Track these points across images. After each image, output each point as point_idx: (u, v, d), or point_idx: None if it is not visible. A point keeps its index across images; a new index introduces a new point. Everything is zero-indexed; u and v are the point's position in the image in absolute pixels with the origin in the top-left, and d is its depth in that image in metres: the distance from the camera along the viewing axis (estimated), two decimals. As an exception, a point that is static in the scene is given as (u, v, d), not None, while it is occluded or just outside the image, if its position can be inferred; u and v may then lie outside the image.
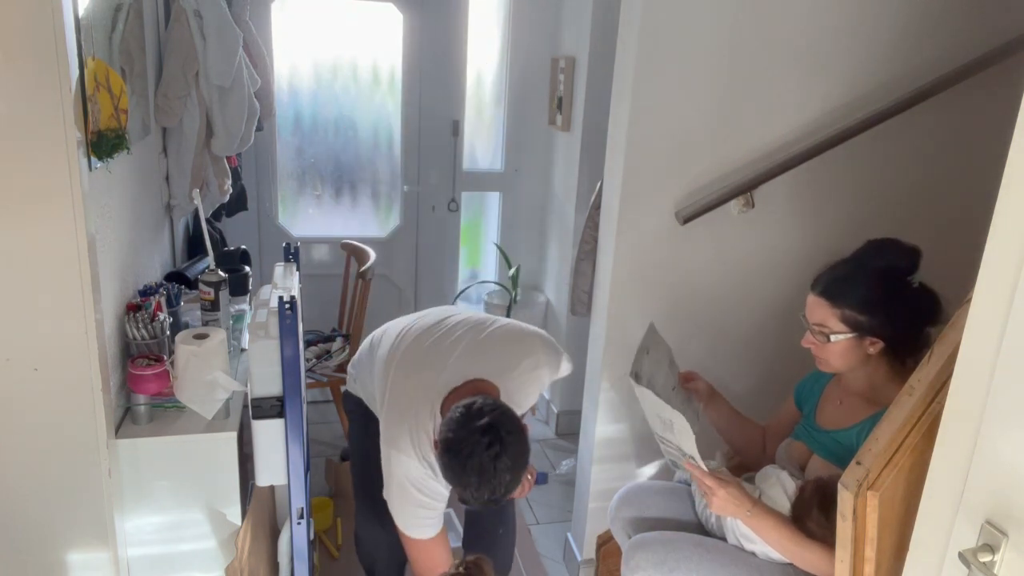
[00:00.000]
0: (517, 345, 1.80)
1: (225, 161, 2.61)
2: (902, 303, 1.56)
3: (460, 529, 2.44)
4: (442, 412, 1.62)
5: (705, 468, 1.62)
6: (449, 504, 1.72)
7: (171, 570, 1.73)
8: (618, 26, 2.08)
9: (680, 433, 1.61)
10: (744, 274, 2.23)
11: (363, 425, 1.93)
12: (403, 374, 1.75)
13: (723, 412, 1.91)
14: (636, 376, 1.66)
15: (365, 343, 2.00)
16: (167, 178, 2.42)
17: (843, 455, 1.56)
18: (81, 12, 1.44)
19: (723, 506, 1.61)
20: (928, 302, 1.56)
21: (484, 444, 1.46)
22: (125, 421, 1.68)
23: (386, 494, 1.69)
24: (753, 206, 2.12)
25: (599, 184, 2.27)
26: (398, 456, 1.65)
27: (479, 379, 1.68)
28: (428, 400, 1.67)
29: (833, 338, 1.58)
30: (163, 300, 1.82)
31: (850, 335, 1.57)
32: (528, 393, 1.79)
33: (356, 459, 2.04)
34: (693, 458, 1.62)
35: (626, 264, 2.15)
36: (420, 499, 1.66)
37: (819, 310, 1.61)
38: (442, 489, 1.67)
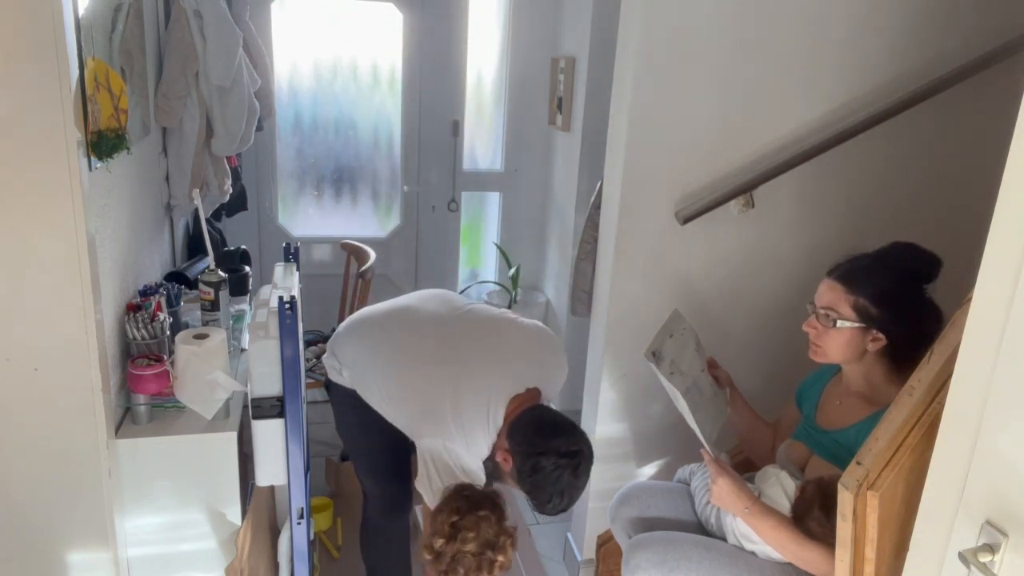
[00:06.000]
0: (554, 355, 1.89)
1: (225, 161, 2.61)
2: (914, 306, 1.57)
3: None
4: (506, 418, 1.71)
5: (711, 452, 1.65)
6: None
7: (171, 570, 1.73)
8: (618, 26, 2.08)
9: (685, 416, 1.67)
10: (744, 274, 2.23)
11: (359, 415, 1.89)
12: (451, 379, 1.73)
13: (737, 405, 1.92)
14: (654, 355, 1.67)
15: (345, 327, 1.95)
16: (167, 178, 2.42)
17: (843, 455, 1.56)
18: (81, 12, 1.44)
19: (721, 495, 1.61)
20: (934, 317, 1.57)
21: (572, 467, 1.64)
22: (125, 421, 1.68)
23: (426, 483, 1.70)
24: (753, 206, 2.12)
25: (599, 184, 2.27)
26: (455, 450, 1.68)
27: (535, 388, 1.79)
28: (488, 404, 1.71)
29: (839, 323, 1.59)
30: (163, 300, 1.82)
31: (857, 325, 1.58)
32: (550, 396, 1.89)
33: (362, 451, 2.02)
34: (701, 441, 1.66)
35: (626, 264, 2.15)
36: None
37: (832, 294, 1.61)
38: (483, 477, 1.73)
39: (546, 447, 1.63)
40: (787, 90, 2.07)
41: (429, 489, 1.69)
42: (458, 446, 1.68)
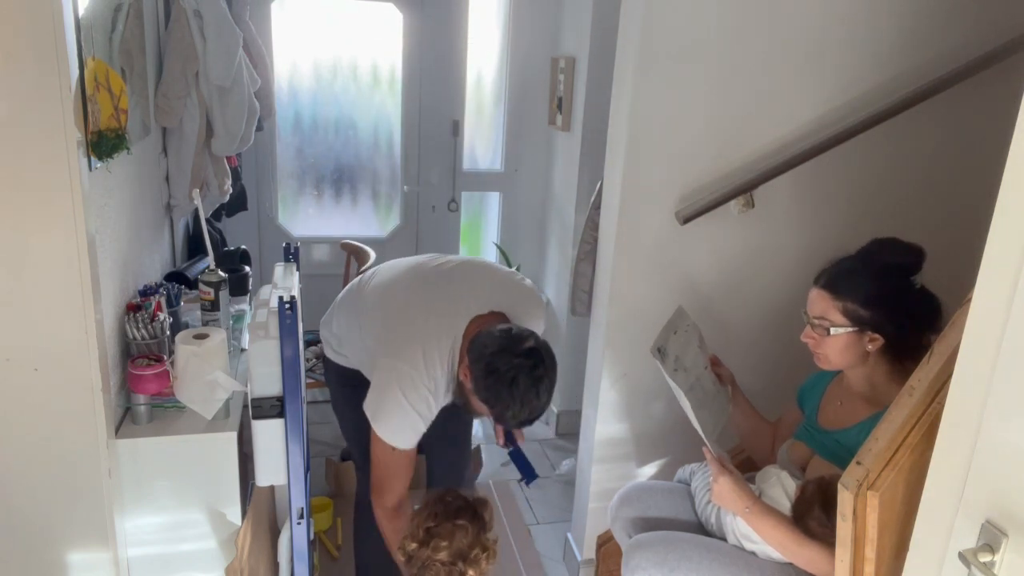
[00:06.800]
0: (525, 289, 1.91)
1: (225, 161, 2.61)
2: (904, 301, 1.57)
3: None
4: (465, 336, 1.70)
5: (713, 451, 1.65)
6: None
7: (171, 570, 1.73)
8: (618, 26, 2.08)
9: (688, 413, 1.67)
10: (744, 274, 2.23)
11: (354, 393, 1.93)
12: (415, 299, 1.79)
13: (739, 403, 1.92)
14: (659, 351, 1.67)
15: (338, 300, 2.04)
16: (167, 178, 2.42)
17: (844, 455, 1.56)
18: (81, 12, 1.44)
19: (722, 494, 1.61)
20: (929, 305, 1.57)
21: (528, 367, 1.57)
22: (125, 421, 1.68)
23: (374, 403, 1.71)
24: (753, 206, 2.12)
25: (599, 184, 2.27)
26: (404, 369, 1.67)
27: (501, 312, 1.76)
28: (449, 322, 1.72)
29: (833, 331, 1.59)
30: (163, 300, 1.82)
31: (850, 329, 1.58)
32: None
33: (355, 429, 2.02)
34: (703, 439, 1.66)
35: (626, 264, 2.15)
36: (412, 414, 1.69)
37: (821, 303, 1.61)
38: (434, 406, 1.71)
39: (500, 347, 1.60)
40: (787, 90, 2.07)
41: (372, 411, 1.70)
42: (410, 366, 1.67)
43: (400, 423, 1.69)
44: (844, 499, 1.26)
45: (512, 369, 1.57)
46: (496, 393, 1.60)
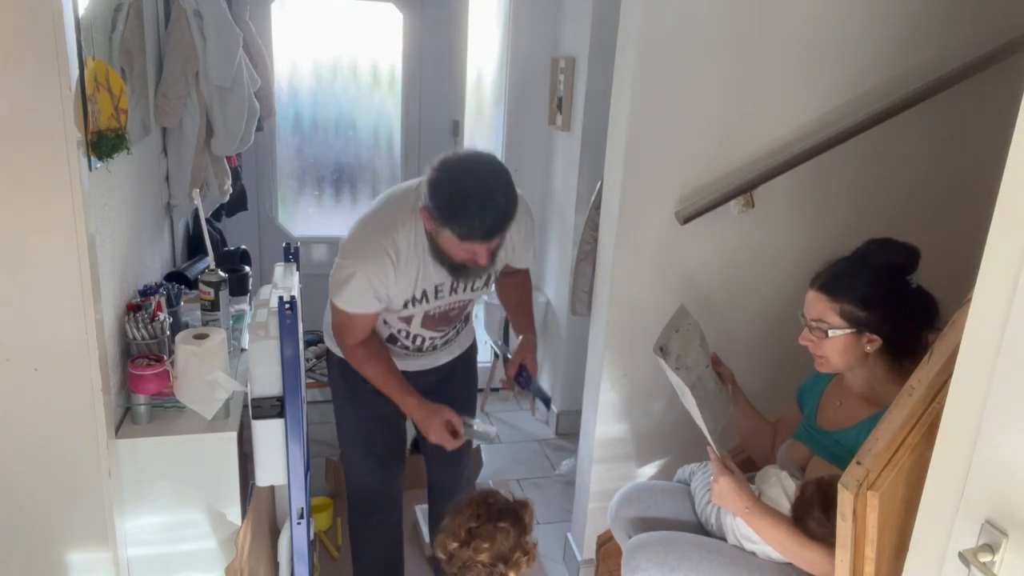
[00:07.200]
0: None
1: (225, 161, 2.61)
2: (900, 301, 1.57)
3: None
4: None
5: (716, 450, 1.65)
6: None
7: (171, 570, 1.73)
8: (618, 26, 2.08)
9: (692, 411, 1.67)
10: (745, 274, 2.23)
11: (351, 382, 1.96)
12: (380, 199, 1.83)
13: (739, 402, 1.92)
14: (661, 350, 1.67)
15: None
16: (167, 178, 2.42)
17: (844, 456, 1.56)
18: (81, 12, 1.44)
19: (722, 494, 1.61)
20: (926, 303, 1.57)
21: (469, 167, 1.55)
22: (125, 421, 1.68)
23: (333, 268, 1.75)
24: (753, 206, 2.12)
25: (599, 184, 2.27)
26: (364, 233, 1.73)
27: None
28: (413, 190, 1.74)
29: (831, 333, 1.59)
30: (163, 300, 1.82)
31: (848, 331, 1.58)
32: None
33: (351, 419, 2.06)
34: (707, 438, 1.66)
35: (626, 264, 2.15)
36: (364, 283, 1.71)
37: (818, 305, 1.61)
38: (393, 273, 1.72)
39: (438, 164, 1.59)
40: (787, 90, 2.07)
41: (331, 275, 1.76)
42: (370, 230, 1.72)
43: (353, 288, 1.72)
44: (844, 499, 1.26)
45: (454, 176, 1.54)
46: (448, 206, 1.55)
